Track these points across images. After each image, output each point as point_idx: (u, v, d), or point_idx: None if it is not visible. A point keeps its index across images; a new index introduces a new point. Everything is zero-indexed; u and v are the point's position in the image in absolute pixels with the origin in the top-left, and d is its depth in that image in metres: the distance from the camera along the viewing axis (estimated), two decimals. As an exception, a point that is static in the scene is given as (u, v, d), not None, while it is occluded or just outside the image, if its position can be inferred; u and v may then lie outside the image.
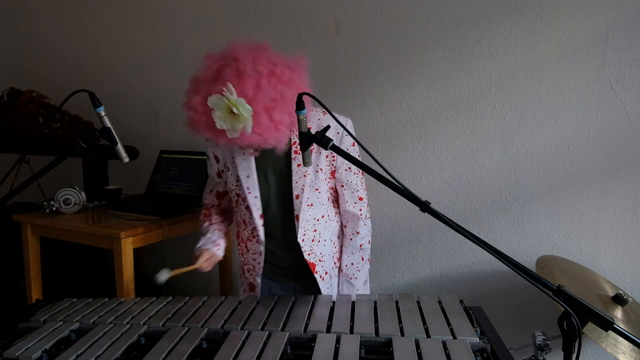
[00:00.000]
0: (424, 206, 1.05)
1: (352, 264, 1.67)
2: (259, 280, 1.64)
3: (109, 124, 1.28)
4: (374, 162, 1.10)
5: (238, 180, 1.56)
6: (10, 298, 2.66)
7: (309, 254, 1.59)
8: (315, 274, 1.60)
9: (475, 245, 1.01)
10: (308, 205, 1.56)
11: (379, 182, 1.12)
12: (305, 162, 1.36)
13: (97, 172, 2.69)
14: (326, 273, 1.63)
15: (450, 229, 1.02)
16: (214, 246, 1.61)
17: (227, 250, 2.54)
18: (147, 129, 2.87)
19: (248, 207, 1.56)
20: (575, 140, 1.92)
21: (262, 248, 1.58)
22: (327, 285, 1.63)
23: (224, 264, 2.56)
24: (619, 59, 1.82)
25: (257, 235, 1.57)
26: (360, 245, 1.66)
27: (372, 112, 2.22)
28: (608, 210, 1.91)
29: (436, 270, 2.22)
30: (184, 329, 1.31)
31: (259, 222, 1.56)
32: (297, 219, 1.55)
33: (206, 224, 1.70)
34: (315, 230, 1.59)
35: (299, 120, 1.25)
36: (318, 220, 1.59)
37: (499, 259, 0.99)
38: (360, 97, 2.27)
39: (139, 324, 1.36)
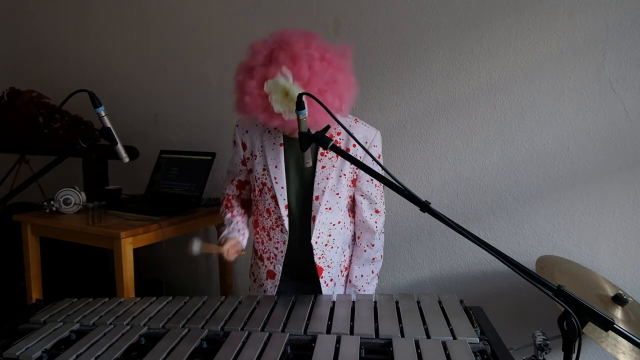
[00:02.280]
0: (424, 206, 1.05)
1: (362, 275, 1.66)
2: (279, 267, 1.62)
3: (109, 124, 1.28)
4: (374, 162, 1.10)
5: (265, 169, 1.55)
6: (10, 298, 2.66)
7: (320, 258, 1.59)
8: (320, 279, 1.60)
9: (475, 245, 1.01)
10: (326, 209, 1.55)
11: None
12: (305, 162, 1.36)
13: (97, 172, 2.69)
14: (331, 280, 1.63)
15: (450, 229, 1.02)
16: (239, 235, 1.61)
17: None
18: (147, 129, 2.87)
19: (274, 197, 1.55)
20: (575, 140, 1.92)
21: (287, 237, 1.57)
22: (330, 292, 1.62)
23: (223, 264, 2.56)
24: (619, 59, 1.82)
25: (282, 225, 1.56)
26: (373, 259, 1.66)
27: (372, 112, 2.22)
28: (608, 210, 1.91)
29: (436, 270, 2.22)
30: (184, 330, 1.31)
31: (284, 212, 1.55)
32: (314, 220, 1.55)
33: (229, 215, 1.68)
34: (329, 235, 1.59)
35: (299, 120, 1.25)
36: (334, 225, 1.59)
37: (499, 259, 0.99)
38: (360, 96, 2.23)
39: (139, 325, 1.36)
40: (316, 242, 1.57)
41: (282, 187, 1.54)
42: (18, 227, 2.27)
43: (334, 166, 1.53)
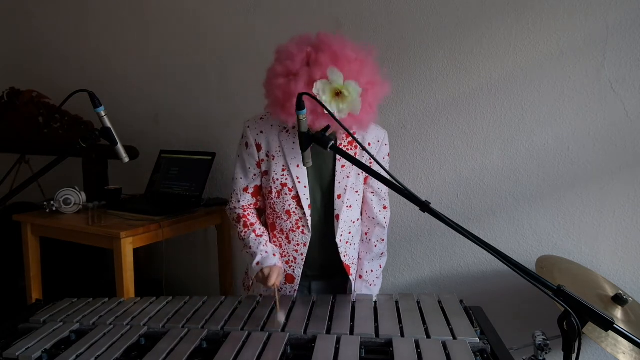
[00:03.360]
0: (424, 206, 1.05)
1: (372, 270, 1.67)
2: (299, 271, 1.59)
3: (109, 124, 1.28)
4: (374, 162, 1.10)
5: (285, 169, 1.52)
6: (10, 298, 2.66)
7: (344, 256, 1.60)
8: (350, 276, 1.61)
9: (475, 245, 1.01)
10: (348, 207, 1.56)
11: (379, 183, 1.12)
12: (305, 162, 1.36)
13: (97, 172, 2.69)
14: (355, 277, 1.65)
15: (450, 229, 1.02)
16: (276, 260, 1.53)
17: (227, 250, 2.56)
18: (147, 129, 2.87)
19: (296, 197, 1.53)
20: (575, 140, 1.92)
21: (309, 238, 1.56)
22: (354, 288, 1.64)
23: (223, 264, 2.56)
24: (619, 59, 1.82)
25: (305, 226, 1.55)
26: (382, 254, 1.69)
27: (372, 112, 2.22)
28: (608, 210, 1.90)
29: (436, 270, 2.22)
30: (184, 330, 1.31)
31: (308, 212, 1.54)
32: (337, 219, 1.55)
33: (252, 235, 1.57)
34: (350, 233, 1.60)
35: (298, 120, 1.25)
36: (354, 222, 1.60)
37: (499, 259, 0.99)
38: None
39: (139, 325, 1.36)
40: (340, 241, 1.57)
41: (305, 187, 1.53)
42: (18, 227, 2.27)
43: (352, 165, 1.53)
